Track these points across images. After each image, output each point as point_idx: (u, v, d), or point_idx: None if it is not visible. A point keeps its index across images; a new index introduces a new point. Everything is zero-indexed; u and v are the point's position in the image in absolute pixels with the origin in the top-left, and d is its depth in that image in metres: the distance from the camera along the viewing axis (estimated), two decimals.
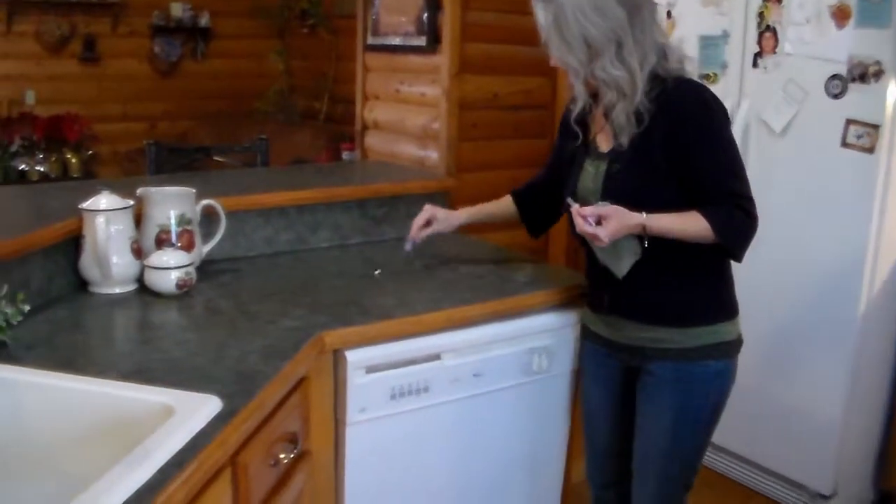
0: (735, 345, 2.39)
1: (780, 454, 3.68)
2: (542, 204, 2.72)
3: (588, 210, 2.21)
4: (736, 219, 2.21)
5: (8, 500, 1.73)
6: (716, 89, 3.51)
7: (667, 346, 2.34)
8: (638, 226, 2.20)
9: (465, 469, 2.62)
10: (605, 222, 2.19)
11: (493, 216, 2.84)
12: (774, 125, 3.51)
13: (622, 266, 2.35)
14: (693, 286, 2.34)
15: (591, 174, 2.38)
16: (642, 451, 2.47)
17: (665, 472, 2.45)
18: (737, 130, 3.55)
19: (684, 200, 2.23)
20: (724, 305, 2.38)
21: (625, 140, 2.27)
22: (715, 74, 3.72)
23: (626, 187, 2.27)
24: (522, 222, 2.80)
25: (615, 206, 2.21)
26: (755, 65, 3.58)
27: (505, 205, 2.81)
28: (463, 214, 2.80)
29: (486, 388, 2.55)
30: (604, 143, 2.38)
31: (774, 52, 3.50)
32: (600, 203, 2.26)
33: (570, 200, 2.30)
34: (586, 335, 2.59)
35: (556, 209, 2.65)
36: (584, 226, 2.20)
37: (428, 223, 2.74)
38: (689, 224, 2.20)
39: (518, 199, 2.79)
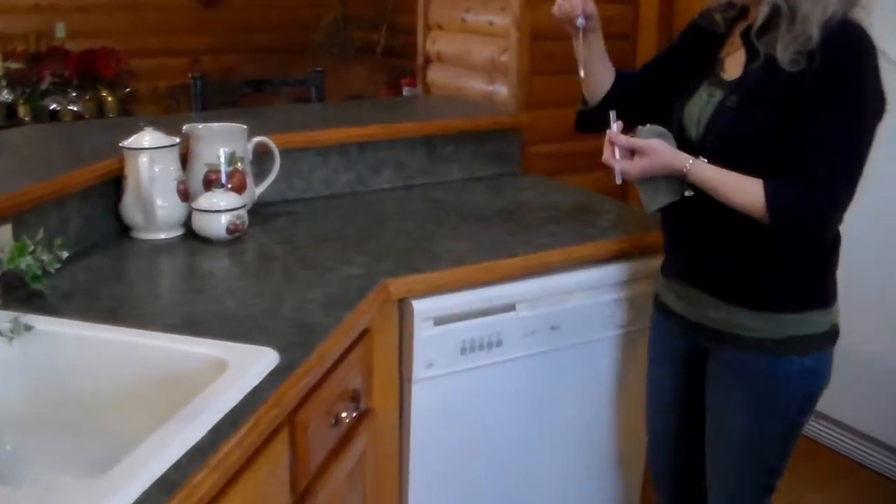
0: (829, 336, 2.15)
1: (892, 425, 3.61)
2: (625, 96, 2.40)
3: (623, 140, 2.06)
4: (803, 207, 1.95)
5: (50, 463, 1.74)
6: None
7: (742, 332, 2.14)
8: (678, 171, 2.04)
9: (539, 430, 2.60)
10: (637, 158, 2.05)
11: (597, 68, 2.41)
12: (892, 53, 3.38)
13: (653, 202, 2.15)
14: (781, 263, 2.09)
15: (703, 100, 2.16)
16: (714, 448, 2.31)
17: (741, 473, 2.28)
18: None
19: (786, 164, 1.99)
20: (818, 290, 2.14)
21: (764, 50, 2.00)
22: None
23: (732, 127, 2.06)
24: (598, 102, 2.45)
25: (656, 145, 2.04)
26: None
27: (609, 71, 2.43)
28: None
29: (563, 343, 2.53)
30: (732, 68, 2.15)
31: None
32: (649, 127, 2.09)
33: (613, 114, 2.11)
34: (655, 305, 2.44)
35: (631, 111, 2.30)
36: (608, 157, 2.06)
37: None
38: (741, 188, 1.99)
39: (617, 79, 2.44)
